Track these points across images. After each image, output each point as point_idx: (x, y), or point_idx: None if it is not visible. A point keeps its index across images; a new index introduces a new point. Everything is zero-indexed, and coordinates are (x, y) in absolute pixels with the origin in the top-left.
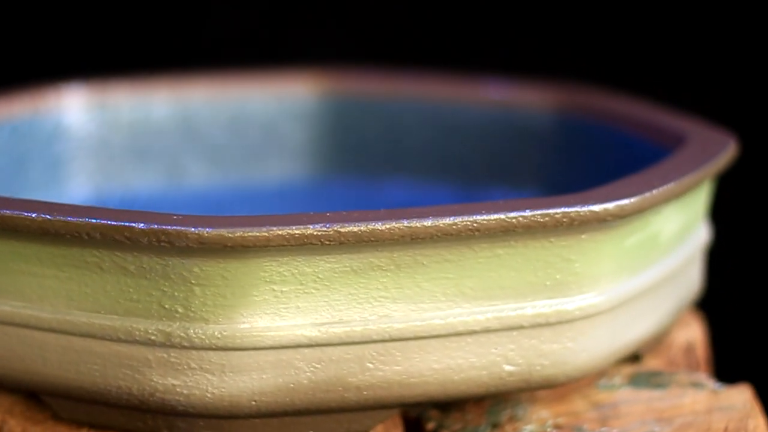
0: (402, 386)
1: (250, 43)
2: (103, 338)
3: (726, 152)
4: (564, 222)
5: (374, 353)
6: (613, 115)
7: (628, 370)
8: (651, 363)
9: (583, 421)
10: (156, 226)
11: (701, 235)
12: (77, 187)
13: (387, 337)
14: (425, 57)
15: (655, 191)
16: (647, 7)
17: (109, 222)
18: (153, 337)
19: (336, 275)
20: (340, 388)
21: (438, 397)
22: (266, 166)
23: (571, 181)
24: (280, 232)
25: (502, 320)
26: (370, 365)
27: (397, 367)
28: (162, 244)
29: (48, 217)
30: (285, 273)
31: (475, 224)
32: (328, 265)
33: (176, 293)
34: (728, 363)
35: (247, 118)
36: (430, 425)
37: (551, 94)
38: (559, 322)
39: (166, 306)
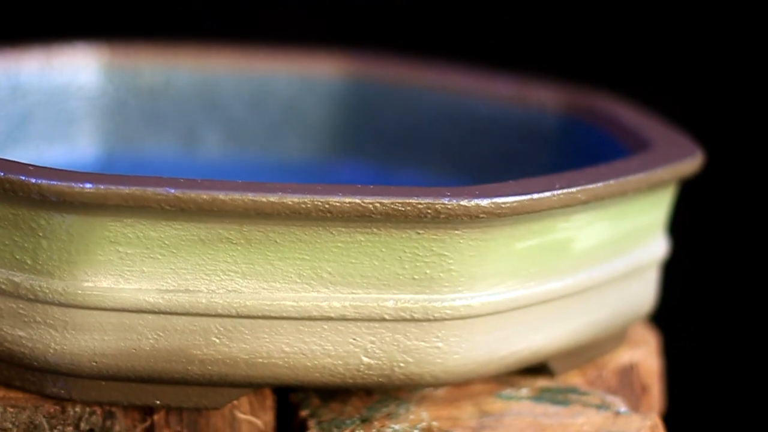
0: (249, 366)
1: (278, 23)
2: None
3: (671, 165)
4: (428, 214)
5: (221, 328)
6: (611, 120)
7: (541, 383)
8: (572, 379)
9: (457, 428)
10: (2, 174)
11: (655, 248)
12: (86, 146)
13: (234, 313)
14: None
15: (544, 194)
16: (670, 11)
17: None
18: (3, 287)
19: (183, 243)
20: (184, 360)
21: (289, 381)
22: (283, 143)
23: None
24: (117, 191)
25: (360, 310)
26: (216, 340)
27: (245, 345)
28: (9, 193)
29: None
30: (130, 235)
31: (326, 206)
32: (175, 231)
33: (26, 244)
34: (682, 383)
35: (269, 94)
36: (304, 412)
37: (560, 96)
38: (427, 320)
39: (17, 256)
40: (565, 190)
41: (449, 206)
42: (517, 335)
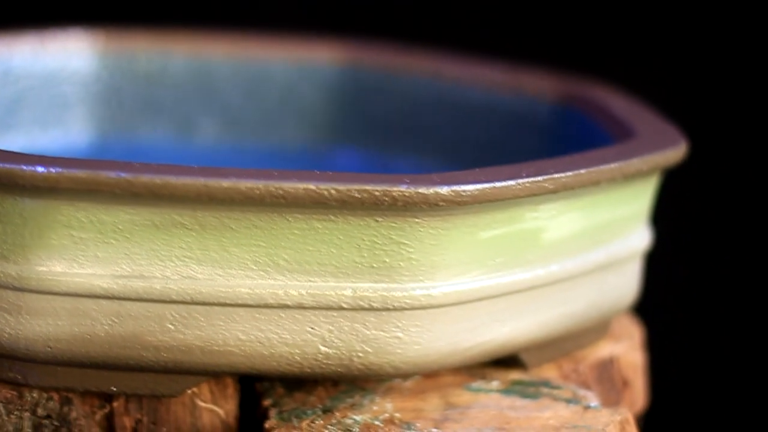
0: (204, 353)
1: (275, 10)
2: None
3: (648, 156)
4: (385, 201)
5: (175, 314)
6: (602, 109)
7: (514, 376)
8: (547, 373)
9: (420, 420)
10: None
11: (636, 240)
12: (80, 132)
13: (189, 300)
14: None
15: (508, 182)
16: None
17: None
18: None
19: (137, 228)
20: (138, 346)
21: (245, 370)
22: (279, 130)
23: None
24: (68, 175)
25: (318, 298)
26: (171, 326)
27: (200, 333)
28: None
29: None
30: (83, 219)
31: (280, 191)
32: (128, 216)
33: None
34: (670, 377)
35: (265, 81)
36: (267, 402)
37: (554, 84)
38: (386, 309)
39: None
40: (530, 179)
41: (407, 194)
42: (482, 326)
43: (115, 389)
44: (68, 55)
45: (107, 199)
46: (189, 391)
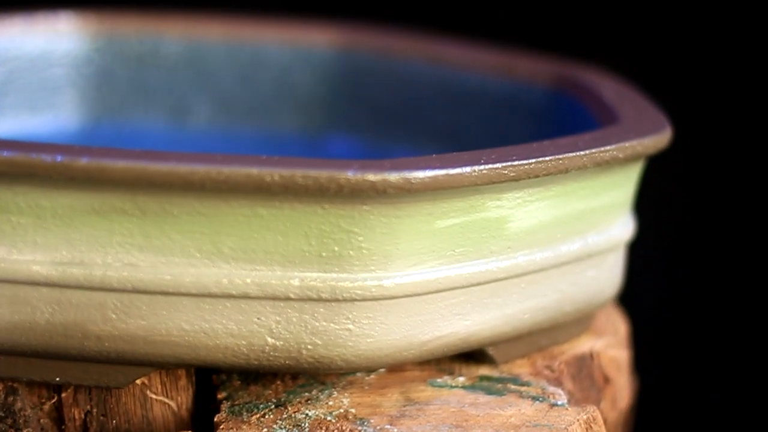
0: (148, 343)
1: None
2: None
3: (624, 143)
4: (331, 187)
5: (117, 303)
6: (592, 94)
7: (483, 371)
8: (518, 369)
9: (376, 415)
10: None
11: (616, 231)
12: (70, 116)
13: (131, 288)
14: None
15: (463, 169)
16: None
17: None
18: None
19: (76, 213)
20: (80, 336)
21: (190, 361)
22: (274, 115)
23: None
24: (3, 158)
25: (264, 288)
26: (113, 315)
27: (142, 322)
28: None
29: None
30: (21, 204)
31: (221, 176)
32: (67, 201)
33: None
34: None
35: (260, 65)
36: (221, 394)
37: (548, 68)
38: (336, 300)
39: None
40: (488, 167)
41: (353, 180)
42: (441, 319)
43: (59, 379)
44: (58, 36)
45: (45, 183)
46: (139, 383)
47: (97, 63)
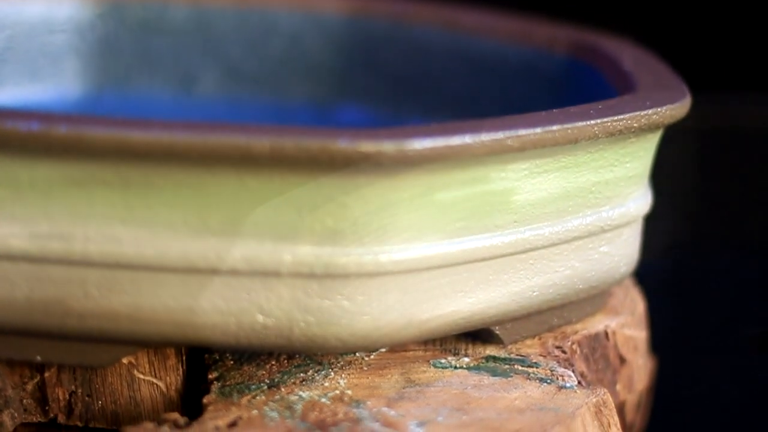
0: (132, 321)
1: None
2: None
3: (638, 112)
4: (324, 158)
5: (99, 279)
6: (611, 63)
7: (490, 351)
8: (528, 349)
9: (373, 398)
10: None
11: (633, 203)
12: (72, 84)
13: (113, 263)
14: None
15: (464, 139)
16: None
17: None
18: None
19: (55, 185)
20: (61, 312)
21: (177, 340)
22: (283, 84)
23: None
24: None
25: (254, 263)
26: (95, 292)
27: (126, 299)
28: None
29: None
30: None
31: (205, 146)
32: (45, 172)
33: None
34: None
35: (270, 31)
36: (212, 375)
37: (566, 35)
38: (329, 276)
39: None
40: (490, 136)
41: (346, 151)
42: (442, 297)
43: (39, 358)
44: (60, 1)
45: (20, 153)
46: (126, 362)
47: (100, 29)
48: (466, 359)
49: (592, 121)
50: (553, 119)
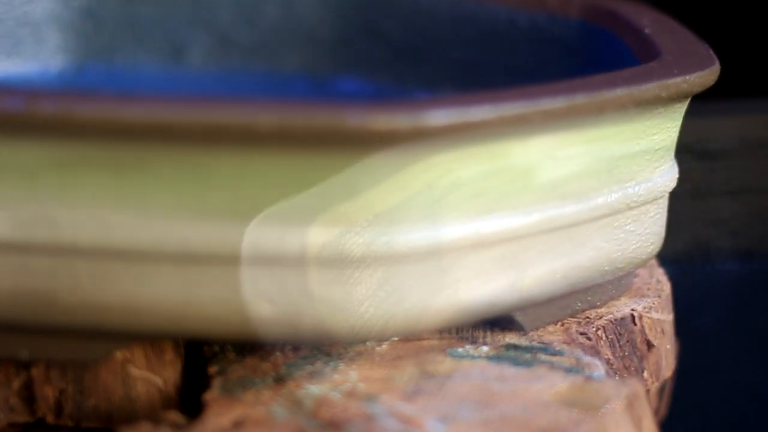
0: (126, 314)
1: None
2: None
3: (667, 80)
4: (331, 135)
5: (90, 269)
6: (631, 28)
7: (510, 339)
8: (550, 336)
9: (387, 392)
10: None
11: (659, 178)
12: (53, 55)
13: (105, 251)
14: None
15: (482, 112)
16: None
17: None
18: None
19: (41, 167)
20: (49, 305)
21: (175, 333)
22: (277, 54)
23: None
24: None
25: (257, 249)
26: (86, 283)
27: (119, 290)
28: None
29: None
30: None
31: (206, 123)
32: (30, 153)
33: None
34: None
35: None
36: (213, 368)
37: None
38: (340, 262)
39: None
40: (513, 108)
41: (354, 126)
42: (460, 282)
43: (26, 353)
44: None
45: (3, 133)
46: (120, 357)
47: None
48: (485, 348)
49: (620, 91)
50: (578, 89)
